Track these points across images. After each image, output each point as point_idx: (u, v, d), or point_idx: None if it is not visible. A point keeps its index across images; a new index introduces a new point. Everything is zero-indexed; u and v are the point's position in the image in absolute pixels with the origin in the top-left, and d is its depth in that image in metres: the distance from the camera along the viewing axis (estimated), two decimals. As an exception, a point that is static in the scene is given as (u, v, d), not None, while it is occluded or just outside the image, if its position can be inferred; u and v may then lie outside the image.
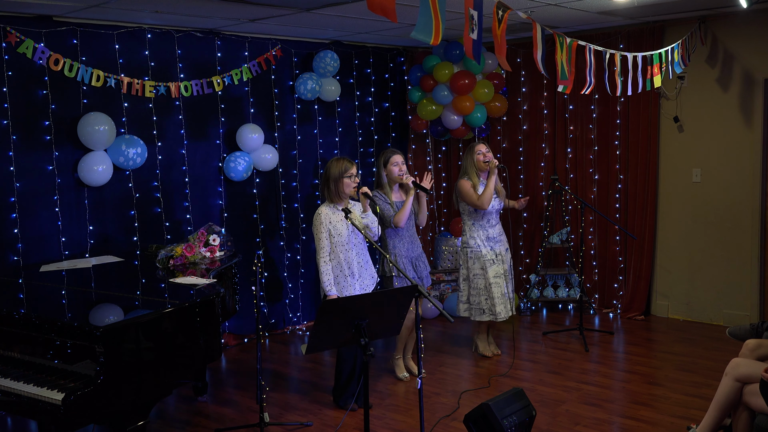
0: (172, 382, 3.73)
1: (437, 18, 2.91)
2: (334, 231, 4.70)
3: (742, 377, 3.81)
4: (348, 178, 4.70)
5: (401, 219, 5.05)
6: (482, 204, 5.50)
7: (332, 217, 4.72)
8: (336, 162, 4.75)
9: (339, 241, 4.71)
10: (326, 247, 4.69)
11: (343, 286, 4.74)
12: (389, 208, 5.11)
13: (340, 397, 4.86)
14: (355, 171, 4.74)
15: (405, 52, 7.65)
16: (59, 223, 5.30)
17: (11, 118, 5.04)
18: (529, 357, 5.91)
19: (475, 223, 5.66)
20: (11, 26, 4.96)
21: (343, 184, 4.70)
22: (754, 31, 6.13)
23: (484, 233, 5.64)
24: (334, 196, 4.74)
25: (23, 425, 4.82)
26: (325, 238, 4.68)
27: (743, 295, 6.41)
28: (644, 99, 6.66)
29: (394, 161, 5.15)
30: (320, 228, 4.68)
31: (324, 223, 4.69)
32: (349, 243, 4.75)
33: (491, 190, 5.50)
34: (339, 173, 4.70)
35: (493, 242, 5.66)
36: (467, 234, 5.70)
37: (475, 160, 5.60)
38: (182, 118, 5.96)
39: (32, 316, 3.60)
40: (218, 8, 5.11)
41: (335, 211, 4.73)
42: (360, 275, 4.80)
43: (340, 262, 4.73)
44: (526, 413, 3.99)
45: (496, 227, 5.71)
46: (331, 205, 4.75)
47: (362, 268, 4.83)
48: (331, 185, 4.73)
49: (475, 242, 5.64)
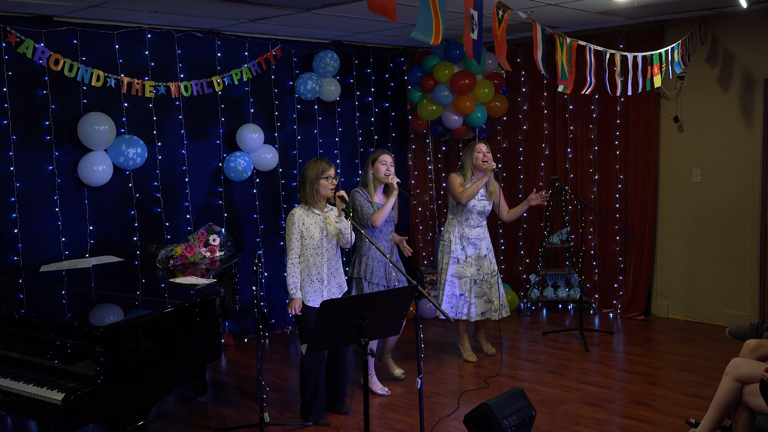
0: (172, 382, 3.73)
1: (437, 18, 2.91)
2: (306, 233, 4.58)
3: (742, 377, 3.81)
4: (325, 180, 4.58)
5: (379, 218, 4.94)
6: (461, 198, 5.50)
7: (306, 219, 4.60)
8: (314, 163, 4.63)
9: (310, 245, 4.59)
10: (296, 249, 4.57)
11: (308, 292, 4.60)
12: (369, 206, 5.01)
13: (309, 413, 4.68)
14: (333, 173, 4.62)
15: (405, 52, 7.65)
16: (59, 223, 5.30)
17: (11, 118, 5.04)
18: (529, 357, 5.91)
19: (454, 218, 5.67)
20: (11, 26, 4.96)
21: (320, 185, 4.58)
22: (754, 31, 6.13)
23: (459, 230, 5.64)
24: (310, 197, 4.61)
25: (23, 425, 4.82)
26: (296, 240, 4.57)
27: (743, 295, 6.41)
28: (644, 99, 6.66)
29: (383, 160, 5.06)
30: (292, 229, 4.57)
31: (297, 224, 4.57)
32: (321, 248, 4.62)
33: (477, 189, 5.48)
34: (316, 175, 4.58)
35: (466, 242, 5.64)
36: (445, 228, 5.75)
37: (473, 158, 5.61)
38: (182, 118, 5.96)
39: (32, 316, 3.59)
40: (218, 8, 5.11)
41: (310, 213, 4.61)
42: (328, 282, 4.67)
43: (309, 266, 4.60)
44: (526, 413, 3.98)
45: (476, 229, 5.66)
46: (307, 207, 4.63)
47: (331, 275, 4.69)
48: (307, 186, 4.60)
49: (449, 236, 5.66)
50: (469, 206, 5.58)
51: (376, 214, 4.95)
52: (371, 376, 5.17)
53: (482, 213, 5.68)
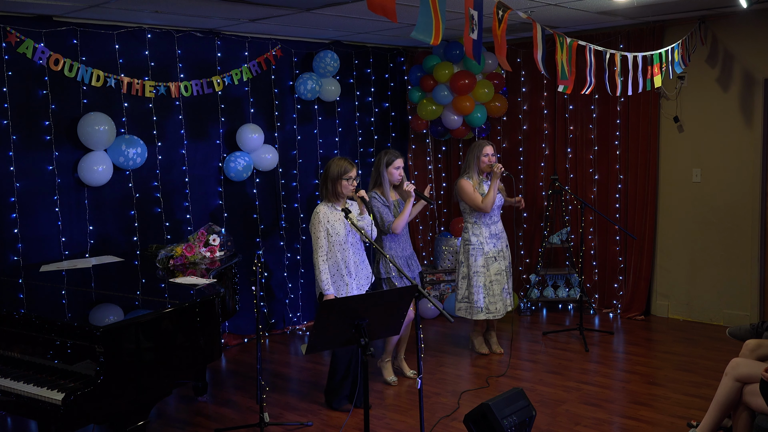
0: (172, 382, 3.73)
1: (437, 18, 2.91)
2: (332, 230, 4.69)
3: (742, 377, 3.81)
4: (346, 180, 4.69)
5: (399, 226, 5.11)
6: (486, 207, 5.55)
7: (330, 216, 4.70)
8: (336, 162, 4.73)
9: (337, 240, 4.70)
10: (324, 246, 4.68)
11: (340, 286, 4.73)
12: (388, 212, 5.14)
13: (333, 398, 4.84)
14: (355, 173, 4.72)
15: (405, 52, 7.65)
16: (59, 223, 5.29)
17: (11, 118, 5.04)
18: (529, 357, 5.91)
19: (478, 221, 5.68)
20: (11, 26, 4.96)
21: (341, 185, 4.69)
22: (754, 31, 6.13)
23: (486, 230, 5.67)
24: (332, 195, 4.73)
25: (23, 425, 4.82)
26: (324, 237, 4.67)
27: (743, 295, 6.41)
28: (644, 99, 6.66)
29: (396, 165, 5.20)
30: (318, 227, 4.67)
31: (322, 222, 4.67)
32: (347, 242, 4.74)
33: (494, 195, 5.54)
34: (338, 174, 4.69)
35: (495, 239, 5.70)
36: (469, 231, 5.72)
37: (479, 161, 5.61)
38: (182, 118, 5.96)
39: (32, 316, 3.60)
40: (218, 8, 5.11)
41: (333, 211, 4.72)
42: (356, 274, 4.80)
43: (337, 261, 4.72)
44: (526, 413, 3.98)
45: (498, 224, 5.77)
46: (329, 204, 4.74)
47: (358, 268, 4.82)
48: (329, 185, 4.72)
49: (478, 239, 5.66)
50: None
51: (397, 221, 5.12)
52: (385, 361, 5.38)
53: (499, 207, 5.78)
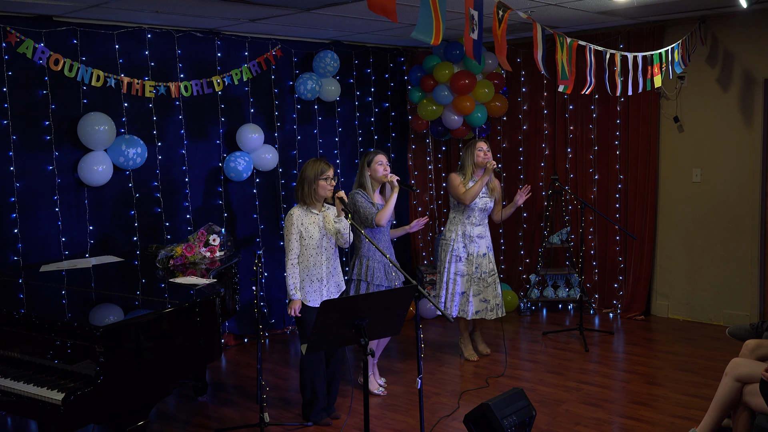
0: (172, 382, 3.73)
1: (437, 18, 2.91)
2: (305, 233, 4.56)
3: (742, 377, 3.81)
4: (324, 181, 4.56)
5: (383, 217, 4.92)
6: (465, 198, 5.52)
7: (304, 219, 4.58)
8: (313, 163, 4.60)
9: (310, 244, 4.58)
10: (295, 249, 4.55)
11: (308, 292, 4.59)
12: (371, 206, 4.98)
13: (310, 413, 4.69)
14: (332, 174, 4.60)
15: (405, 52, 7.65)
16: (59, 223, 5.29)
17: (11, 118, 5.04)
18: (529, 357, 5.91)
19: (456, 217, 5.68)
20: (11, 26, 4.96)
21: (318, 186, 4.55)
22: (754, 31, 6.13)
23: (461, 228, 5.65)
24: (308, 198, 4.58)
25: (23, 425, 4.82)
26: (295, 240, 4.55)
27: (743, 295, 6.41)
28: (644, 99, 6.66)
29: (379, 160, 5.03)
30: (291, 229, 4.54)
31: (295, 225, 4.55)
32: (320, 247, 4.61)
33: (479, 188, 5.50)
34: (315, 175, 4.55)
35: (468, 240, 5.64)
36: (447, 227, 5.75)
37: (474, 156, 5.61)
38: (182, 118, 5.96)
39: (32, 316, 3.60)
40: (218, 8, 5.11)
41: (308, 214, 4.59)
42: (327, 282, 4.66)
43: (309, 266, 4.59)
44: (526, 413, 3.98)
45: (478, 228, 5.67)
46: (304, 207, 4.61)
47: (330, 275, 4.69)
48: (305, 187, 4.57)
49: (451, 235, 5.67)
50: (471, 204, 5.59)
51: (380, 213, 4.93)
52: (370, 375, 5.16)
53: (484, 210, 5.68)
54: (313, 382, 4.62)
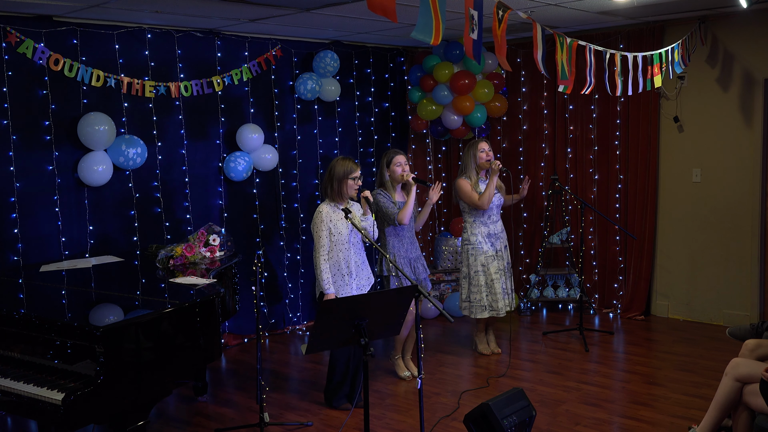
0: (172, 382, 3.73)
1: (437, 18, 2.91)
2: (334, 230, 4.69)
3: (742, 377, 3.81)
4: (352, 180, 4.71)
5: (405, 216, 5.09)
6: (483, 205, 5.55)
7: (333, 215, 4.71)
8: (342, 162, 4.74)
9: (339, 240, 4.70)
10: (326, 246, 4.68)
11: (340, 285, 4.72)
12: (393, 206, 5.17)
13: (333, 397, 4.85)
14: (359, 174, 4.74)
15: (405, 52, 7.65)
16: (59, 223, 5.29)
17: (11, 118, 5.04)
18: (529, 357, 5.91)
19: (476, 220, 5.68)
20: (11, 26, 4.96)
21: (346, 185, 4.71)
22: (754, 31, 6.13)
23: (485, 229, 5.68)
24: (336, 195, 4.73)
25: (23, 425, 4.82)
26: (326, 237, 4.67)
27: (743, 295, 6.41)
28: (644, 99, 6.66)
29: (397, 161, 5.23)
30: (321, 226, 4.67)
31: (325, 221, 4.67)
32: (348, 242, 4.74)
33: (492, 191, 5.54)
34: (343, 174, 4.70)
35: (494, 238, 5.70)
36: (468, 231, 5.73)
37: (476, 158, 5.62)
38: (182, 118, 5.96)
39: (32, 316, 3.60)
40: (218, 8, 5.11)
41: (336, 210, 4.72)
42: (357, 275, 4.80)
43: (339, 261, 4.72)
44: (526, 413, 3.99)
45: (498, 224, 5.77)
46: (332, 204, 4.75)
47: (359, 268, 4.82)
48: (334, 184, 4.72)
49: (477, 239, 5.67)
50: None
51: (402, 212, 5.12)
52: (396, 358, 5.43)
53: (499, 206, 5.79)
54: (346, 365, 4.79)
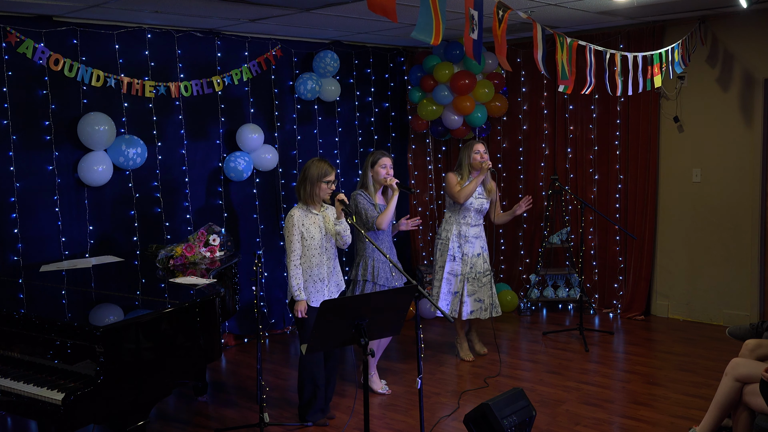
0: (172, 382, 3.73)
1: (437, 18, 2.91)
2: (306, 234, 4.54)
3: (742, 377, 3.81)
4: (325, 183, 4.54)
5: (384, 221, 4.93)
6: (458, 197, 5.53)
7: (305, 220, 4.55)
8: (317, 163, 4.57)
9: (311, 245, 4.55)
10: (297, 251, 4.52)
11: (311, 292, 4.58)
12: (373, 209, 5.00)
13: (306, 413, 4.66)
14: (334, 177, 4.58)
15: (405, 52, 7.65)
16: (59, 223, 5.29)
17: (11, 118, 5.04)
18: (529, 357, 5.91)
19: (452, 216, 5.69)
20: (11, 26, 4.96)
21: (319, 188, 4.53)
22: (754, 31, 6.13)
23: (456, 228, 5.66)
24: (308, 197, 4.56)
25: (23, 425, 4.82)
26: (297, 241, 4.51)
27: (743, 295, 6.41)
28: (644, 99, 6.66)
29: (383, 163, 5.05)
30: (292, 230, 4.51)
31: (296, 225, 4.52)
32: (321, 248, 4.59)
33: (473, 187, 5.51)
34: (317, 176, 4.53)
35: (463, 240, 5.64)
36: (442, 226, 5.76)
37: (470, 158, 5.62)
38: (182, 118, 5.96)
39: (32, 316, 3.60)
40: (218, 8, 5.11)
41: (308, 214, 4.57)
42: (328, 282, 4.65)
43: (311, 266, 4.57)
44: (526, 413, 3.98)
45: (473, 228, 5.68)
46: (305, 208, 4.59)
47: (331, 274, 4.67)
48: (307, 186, 4.55)
49: (446, 234, 5.67)
50: (467, 204, 5.60)
51: (381, 216, 4.95)
52: (371, 375, 5.16)
53: (480, 211, 5.69)
54: (313, 382, 4.61)
